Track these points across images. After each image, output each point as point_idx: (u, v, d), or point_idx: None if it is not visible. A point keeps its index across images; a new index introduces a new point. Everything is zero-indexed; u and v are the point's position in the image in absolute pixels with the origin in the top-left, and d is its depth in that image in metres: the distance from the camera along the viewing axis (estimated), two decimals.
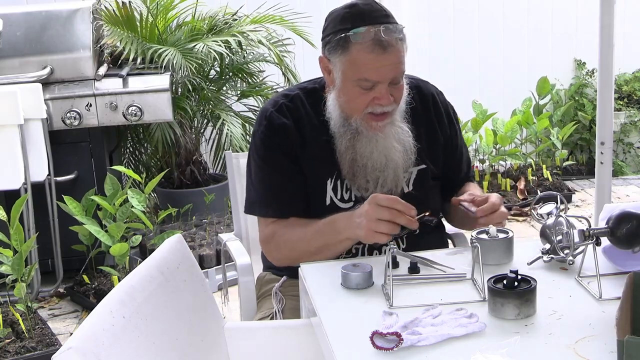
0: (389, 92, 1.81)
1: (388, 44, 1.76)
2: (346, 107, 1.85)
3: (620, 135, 5.41)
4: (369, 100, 1.81)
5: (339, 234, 1.79)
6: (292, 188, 1.91)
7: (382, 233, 1.69)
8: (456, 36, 5.38)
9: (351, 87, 1.81)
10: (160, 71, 3.70)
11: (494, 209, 1.78)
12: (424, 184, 1.96)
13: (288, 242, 1.90)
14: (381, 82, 1.79)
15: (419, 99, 1.98)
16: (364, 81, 1.79)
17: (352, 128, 1.86)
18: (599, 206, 3.04)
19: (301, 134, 1.91)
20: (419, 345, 1.33)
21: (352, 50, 1.78)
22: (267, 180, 1.93)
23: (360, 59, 1.77)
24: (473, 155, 4.94)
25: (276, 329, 1.83)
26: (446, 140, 2.03)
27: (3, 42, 3.51)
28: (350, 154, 1.86)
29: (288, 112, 1.92)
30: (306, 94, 1.96)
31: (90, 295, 3.43)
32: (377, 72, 1.78)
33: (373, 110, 1.82)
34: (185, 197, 4.12)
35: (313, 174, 1.91)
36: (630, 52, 5.39)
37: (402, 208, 1.69)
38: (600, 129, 3.23)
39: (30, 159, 3.38)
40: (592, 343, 1.32)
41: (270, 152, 1.92)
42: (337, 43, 1.80)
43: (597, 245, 1.57)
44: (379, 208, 1.69)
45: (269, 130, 1.92)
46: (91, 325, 1.33)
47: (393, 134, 1.87)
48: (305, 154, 1.90)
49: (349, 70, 1.80)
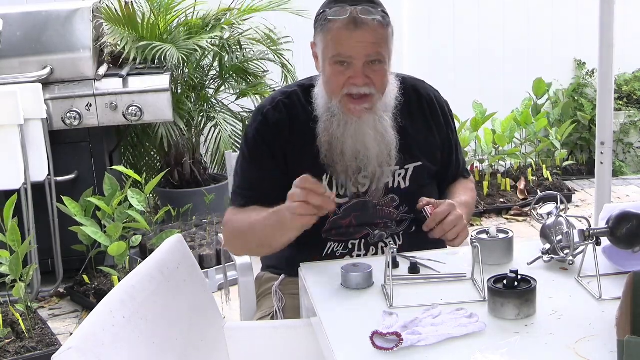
0: (365, 73, 1.81)
1: (362, 22, 1.78)
2: (326, 88, 1.87)
3: (620, 135, 5.41)
4: (344, 80, 1.81)
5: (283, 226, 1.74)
6: (268, 188, 1.90)
7: (300, 215, 1.66)
8: (456, 36, 5.38)
9: (328, 66, 1.83)
10: (161, 70, 3.70)
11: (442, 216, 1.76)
12: (420, 181, 1.97)
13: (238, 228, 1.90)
14: (354, 59, 1.79)
15: (415, 97, 1.99)
16: (337, 57, 1.80)
17: (330, 110, 1.87)
18: (599, 206, 3.04)
19: (296, 130, 1.92)
20: (419, 345, 1.33)
21: (330, 28, 1.80)
22: (247, 174, 1.95)
23: (335, 36, 1.79)
24: (472, 155, 4.94)
25: (276, 328, 1.83)
26: (442, 139, 2.03)
27: (3, 42, 3.51)
28: (325, 136, 1.87)
29: (284, 108, 1.94)
30: (303, 91, 1.97)
31: (90, 295, 3.43)
32: (349, 48, 1.78)
33: (349, 90, 1.82)
34: (185, 197, 4.12)
35: (307, 172, 1.91)
36: (630, 52, 5.38)
37: (311, 186, 1.66)
38: (600, 129, 3.23)
39: (30, 159, 3.38)
40: (592, 343, 1.32)
41: (259, 149, 1.93)
42: (319, 23, 1.84)
43: (597, 245, 1.57)
44: (295, 190, 1.68)
45: (262, 127, 1.94)
46: (91, 325, 1.33)
47: (370, 122, 1.86)
48: (299, 151, 1.91)
49: (326, 48, 1.82)
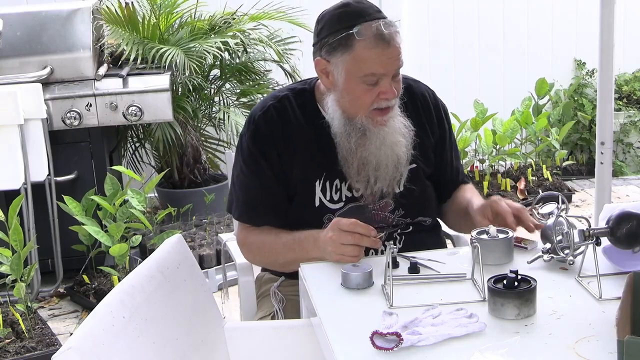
0: (393, 86, 1.83)
1: (390, 37, 1.79)
2: (351, 106, 1.85)
3: (620, 135, 5.41)
4: (374, 96, 1.83)
5: (307, 254, 1.81)
6: (268, 200, 1.93)
7: (350, 256, 1.71)
8: (456, 36, 5.38)
9: (356, 85, 1.82)
10: (162, 71, 3.71)
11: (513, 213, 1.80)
12: (416, 183, 1.96)
13: (260, 250, 1.96)
14: (386, 76, 1.81)
15: (408, 98, 1.98)
16: (370, 76, 1.80)
17: (357, 127, 1.86)
18: (599, 206, 3.04)
19: (288, 135, 1.91)
20: (419, 345, 1.33)
21: (356, 48, 1.79)
22: (246, 186, 1.96)
23: (366, 55, 1.79)
24: (473, 155, 4.94)
25: (276, 329, 1.83)
26: (436, 140, 2.03)
27: (3, 42, 3.51)
28: (360, 152, 1.87)
29: (276, 113, 1.93)
30: (295, 95, 1.96)
31: (90, 295, 3.43)
32: (382, 66, 1.80)
33: (379, 105, 1.84)
34: (185, 197, 4.12)
35: (301, 176, 1.91)
36: (630, 52, 5.39)
37: (363, 231, 1.71)
38: (600, 129, 3.23)
39: (30, 159, 3.38)
40: (592, 343, 1.32)
41: (254, 159, 1.93)
42: (338, 43, 1.81)
43: (597, 245, 1.57)
44: (342, 233, 1.72)
45: (255, 135, 1.93)
46: (91, 326, 1.33)
47: (396, 128, 1.89)
48: (292, 157, 1.91)
49: (353, 67, 1.81)
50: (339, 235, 1.71)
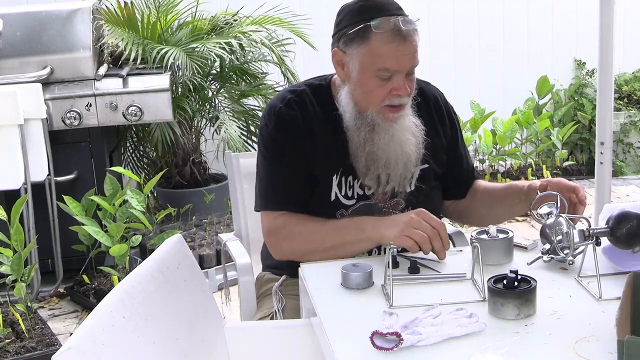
0: (406, 84, 1.83)
1: (407, 34, 1.79)
2: (362, 99, 1.85)
3: (620, 135, 5.41)
4: (387, 92, 1.82)
5: (362, 232, 1.79)
6: (301, 184, 1.90)
7: (413, 240, 1.69)
8: (456, 36, 5.38)
9: (369, 79, 1.82)
10: (162, 71, 3.70)
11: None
12: (426, 183, 1.97)
13: (302, 234, 1.87)
14: (399, 72, 1.81)
15: (422, 100, 1.99)
16: (383, 71, 1.80)
17: (367, 121, 1.86)
18: (599, 206, 3.04)
19: (309, 128, 1.91)
20: (419, 345, 1.33)
21: (372, 41, 1.79)
22: (277, 175, 1.92)
23: (381, 49, 1.79)
24: (473, 155, 4.94)
25: (276, 329, 1.83)
26: (448, 141, 2.04)
27: (3, 42, 3.51)
28: (368, 146, 1.87)
29: (296, 106, 1.92)
30: (312, 90, 1.96)
31: (90, 295, 3.43)
32: (397, 62, 1.79)
33: (391, 102, 1.84)
34: (185, 197, 4.12)
35: (319, 170, 1.91)
36: (630, 52, 5.39)
37: (443, 235, 1.71)
38: (600, 129, 3.23)
39: (30, 159, 3.38)
40: (592, 343, 1.32)
41: (280, 149, 1.91)
42: (355, 34, 1.82)
43: (597, 245, 1.57)
44: (423, 222, 1.71)
45: (278, 126, 1.91)
46: (91, 326, 1.33)
47: (406, 126, 1.89)
48: (312, 149, 1.90)
49: (368, 60, 1.81)
50: (420, 222, 1.71)
